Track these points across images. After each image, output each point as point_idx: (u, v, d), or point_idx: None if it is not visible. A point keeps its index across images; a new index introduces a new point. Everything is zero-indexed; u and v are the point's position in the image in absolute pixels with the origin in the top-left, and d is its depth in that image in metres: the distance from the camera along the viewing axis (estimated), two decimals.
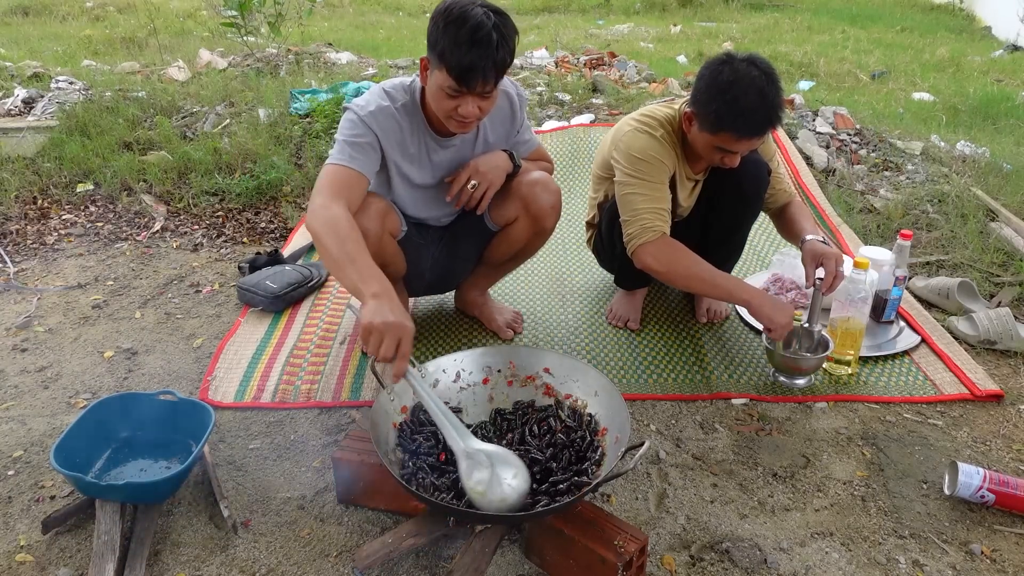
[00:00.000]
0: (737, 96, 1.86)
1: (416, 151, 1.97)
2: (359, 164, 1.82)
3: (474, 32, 1.65)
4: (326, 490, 1.75)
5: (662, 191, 2.06)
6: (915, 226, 3.08)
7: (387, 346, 1.44)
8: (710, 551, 1.59)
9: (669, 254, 2.04)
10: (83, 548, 1.59)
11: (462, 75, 1.68)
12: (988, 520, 1.68)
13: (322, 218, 1.66)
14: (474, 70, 1.67)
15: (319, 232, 1.64)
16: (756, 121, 1.89)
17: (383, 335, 1.44)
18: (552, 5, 9.69)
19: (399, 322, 1.45)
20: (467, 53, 1.66)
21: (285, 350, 2.28)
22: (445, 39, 1.67)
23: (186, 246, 3.06)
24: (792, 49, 6.77)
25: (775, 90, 1.88)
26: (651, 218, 2.03)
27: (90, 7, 8.43)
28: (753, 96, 1.85)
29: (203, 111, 4.11)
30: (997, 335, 2.29)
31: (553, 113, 4.15)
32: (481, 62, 1.67)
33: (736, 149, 1.96)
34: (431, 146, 1.98)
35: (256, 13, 5.34)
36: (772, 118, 1.89)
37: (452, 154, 2.02)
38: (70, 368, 2.24)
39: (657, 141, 2.06)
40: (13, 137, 3.73)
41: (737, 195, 2.22)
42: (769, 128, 1.93)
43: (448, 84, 1.71)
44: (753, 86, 1.86)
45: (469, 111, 1.76)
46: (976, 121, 4.70)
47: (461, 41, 1.65)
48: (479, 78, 1.69)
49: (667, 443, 1.92)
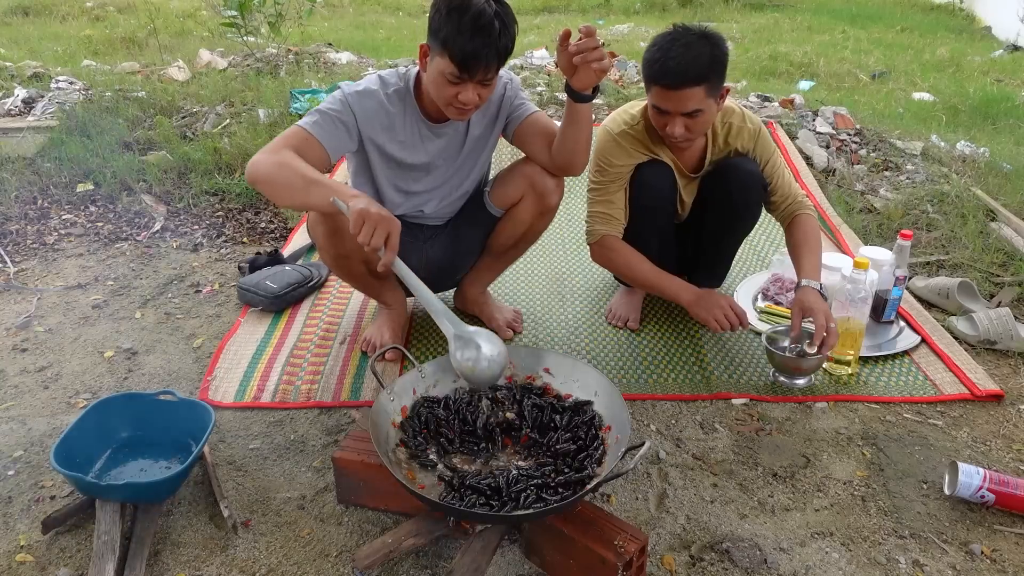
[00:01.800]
0: (665, 49, 1.92)
1: (407, 137, 1.98)
2: (322, 135, 1.82)
3: (476, 19, 1.67)
4: (326, 490, 1.75)
5: (612, 194, 2.20)
6: (915, 226, 3.08)
7: (378, 235, 1.51)
8: (710, 551, 1.59)
9: (608, 254, 2.24)
10: (83, 548, 1.59)
11: (465, 62, 1.70)
12: (988, 520, 1.68)
13: (270, 160, 1.68)
14: (477, 57, 1.70)
15: (270, 171, 1.67)
16: (671, 69, 1.91)
17: (375, 225, 1.50)
18: (552, 5, 9.68)
19: (389, 216, 1.53)
20: (470, 40, 1.68)
21: (285, 350, 2.28)
22: (448, 26, 1.69)
23: (186, 246, 3.06)
24: (792, 49, 6.77)
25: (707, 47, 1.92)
26: (597, 221, 2.23)
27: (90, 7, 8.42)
28: (679, 47, 1.90)
29: (203, 111, 4.11)
30: (997, 335, 2.29)
31: (553, 113, 4.15)
32: (484, 50, 1.69)
33: (665, 106, 1.97)
34: (423, 133, 1.98)
35: (256, 13, 5.34)
36: (691, 68, 1.90)
37: (444, 142, 2.03)
38: (70, 368, 2.24)
39: (613, 141, 2.16)
40: (13, 137, 3.73)
41: (725, 203, 2.21)
42: (687, 78, 1.90)
43: (450, 71, 1.73)
44: (682, 40, 1.92)
45: (469, 98, 1.77)
46: (976, 121, 4.70)
47: (464, 29, 1.67)
48: (482, 65, 1.72)
49: (667, 443, 1.92)
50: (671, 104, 1.96)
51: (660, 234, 2.31)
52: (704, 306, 2.15)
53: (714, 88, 1.96)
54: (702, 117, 1.99)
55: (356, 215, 1.51)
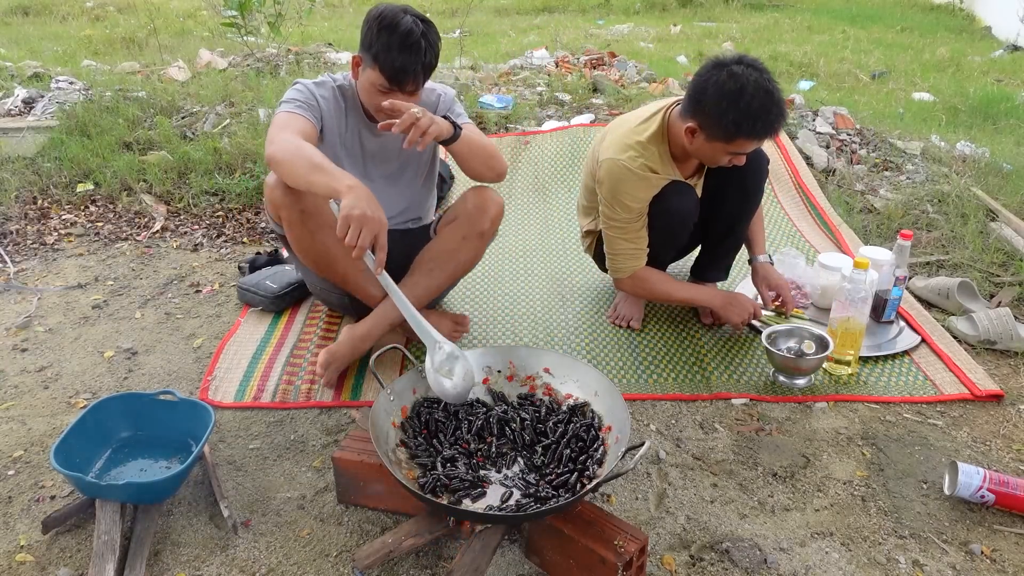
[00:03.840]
0: (749, 102, 1.89)
1: (349, 135, 2.09)
2: (306, 113, 1.95)
3: (405, 38, 1.84)
4: (326, 490, 1.75)
5: (637, 231, 2.20)
6: (915, 226, 3.08)
7: (364, 236, 1.57)
8: (710, 551, 1.59)
9: (641, 285, 2.31)
10: (83, 548, 1.59)
11: (394, 75, 1.87)
12: (988, 520, 1.68)
13: (281, 141, 1.81)
14: (405, 72, 1.87)
15: (280, 156, 1.79)
16: (770, 121, 1.93)
17: (361, 226, 1.57)
18: (552, 5, 9.69)
19: (376, 216, 1.59)
20: (399, 57, 1.85)
21: (285, 350, 2.28)
22: (379, 43, 1.85)
23: (186, 246, 3.06)
24: (792, 49, 6.77)
25: (775, 86, 1.93)
26: (626, 259, 2.25)
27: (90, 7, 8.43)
28: (763, 98, 1.90)
29: (203, 111, 4.11)
30: (997, 335, 2.29)
31: (553, 113, 4.15)
32: (411, 66, 1.86)
33: (750, 150, 2.03)
34: (363, 133, 2.10)
35: (256, 13, 5.34)
36: (783, 113, 1.94)
37: (383, 143, 2.13)
38: (70, 368, 2.24)
39: (634, 176, 2.11)
40: (13, 137, 3.73)
41: (741, 189, 2.25)
42: (782, 123, 1.97)
43: (380, 82, 1.90)
44: (760, 88, 1.89)
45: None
46: (976, 121, 4.70)
47: (393, 46, 1.84)
48: (409, 79, 1.88)
49: (667, 443, 1.92)
50: (750, 148, 2.01)
51: (680, 244, 2.37)
52: (735, 310, 2.28)
53: None
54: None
55: (342, 220, 1.58)
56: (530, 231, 3.13)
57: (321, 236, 1.98)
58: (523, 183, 3.50)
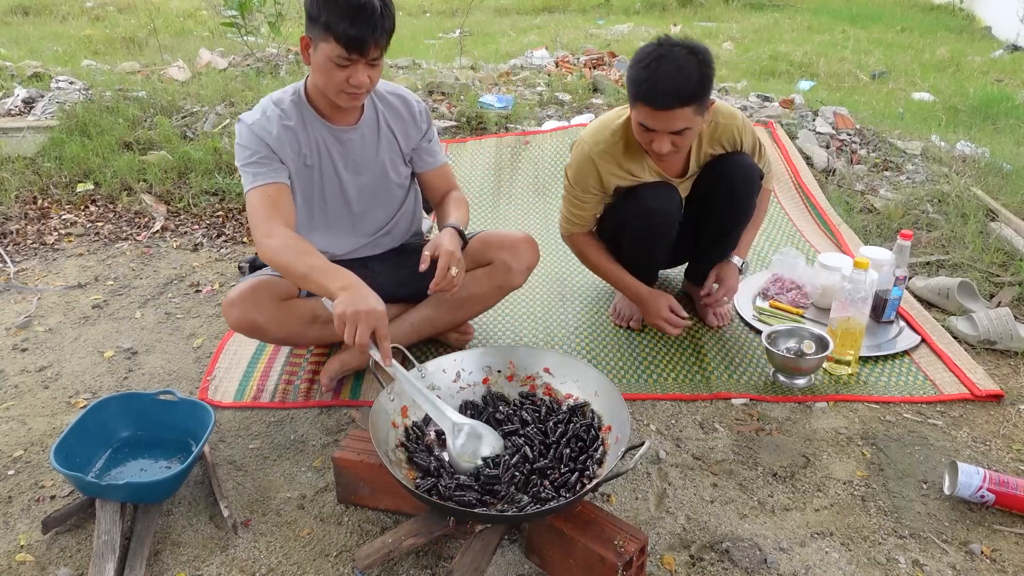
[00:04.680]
0: (653, 69, 1.87)
1: (311, 150, 1.92)
2: (269, 176, 1.83)
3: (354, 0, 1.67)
4: (326, 490, 1.75)
5: (583, 203, 2.26)
6: (915, 226, 3.08)
7: (362, 332, 1.52)
8: (710, 551, 1.59)
9: (576, 249, 2.39)
10: (83, 548, 1.59)
11: (351, 42, 1.69)
12: (988, 520, 1.68)
13: (270, 249, 1.74)
14: (363, 36, 1.69)
15: (275, 263, 1.74)
16: (656, 85, 1.86)
17: (356, 323, 1.52)
18: (552, 5, 9.69)
19: (369, 308, 1.53)
20: (354, 21, 1.67)
21: (285, 350, 2.28)
22: (327, 11, 1.68)
23: (186, 246, 3.06)
24: (792, 49, 6.77)
25: (695, 65, 1.86)
26: (566, 221, 2.34)
27: (90, 7, 8.43)
28: (656, 64, 1.86)
29: (203, 111, 4.11)
30: (997, 335, 2.29)
31: (553, 113, 4.15)
32: (369, 28, 1.69)
33: (652, 125, 1.94)
34: (327, 141, 1.93)
35: (256, 13, 5.34)
36: (681, 90, 1.85)
37: (350, 146, 1.97)
38: (70, 368, 2.24)
39: (590, 163, 2.16)
40: (13, 137, 3.73)
41: (729, 199, 2.21)
42: (676, 100, 1.87)
43: (337, 54, 1.71)
44: (670, 59, 1.86)
45: (360, 80, 1.76)
46: (976, 121, 4.70)
47: (344, 10, 1.67)
48: (370, 43, 1.71)
49: (667, 443, 1.92)
50: (658, 124, 1.93)
51: (664, 247, 2.34)
52: (647, 310, 2.32)
53: (702, 105, 1.93)
54: (689, 133, 1.96)
55: (337, 321, 1.54)
56: (530, 231, 3.11)
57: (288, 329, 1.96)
58: (523, 183, 3.50)
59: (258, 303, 1.89)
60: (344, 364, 2.09)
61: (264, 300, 1.89)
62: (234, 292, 1.90)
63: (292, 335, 1.99)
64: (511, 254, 2.08)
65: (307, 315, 1.97)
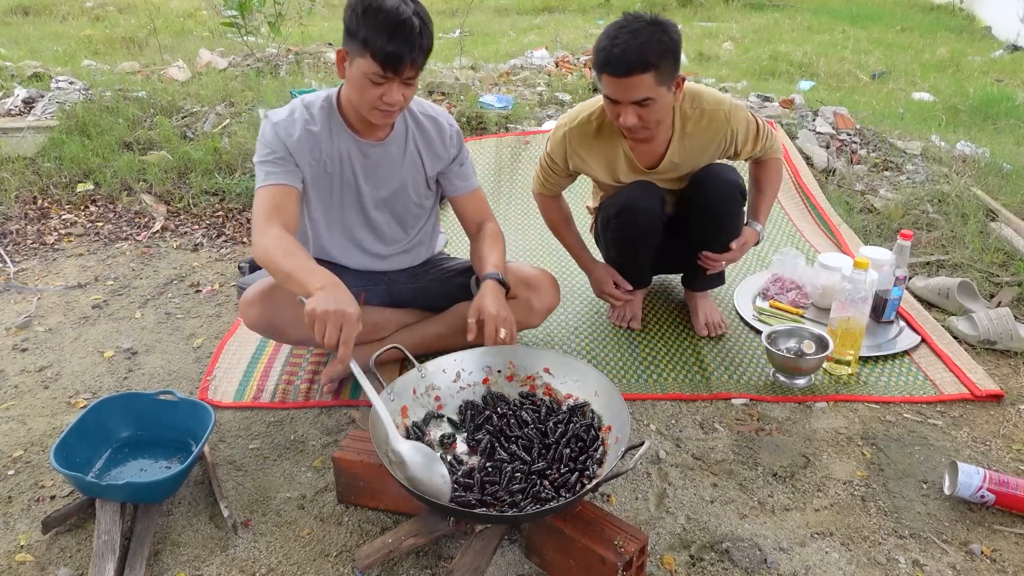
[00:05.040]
0: (612, 36, 1.90)
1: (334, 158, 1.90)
2: (281, 179, 1.82)
3: (396, 17, 1.65)
4: (326, 490, 1.75)
5: (550, 171, 2.30)
6: (915, 226, 3.08)
7: (330, 332, 1.50)
8: (710, 551, 1.59)
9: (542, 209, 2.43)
10: (83, 548, 1.59)
11: (388, 60, 1.67)
12: (988, 520, 1.68)
13: (261, 247, 1.73)
14: (400, 54, 1.67)
15: (264, 260, 1.73)
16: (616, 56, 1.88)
17: (325, 323, 1.50)
18: (552, 5, 9.69)
19: (340, 309, 1.52)
20: (392, 39, 1.65)
21: (285, 350, 2.28)
22: (366, 26, 1.66)
23: (186, 246, 3.06)
24: (792, 49, 6.77)
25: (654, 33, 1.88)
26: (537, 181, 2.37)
27: (90, 7, 8.43)
28: (625, 35, 1.88)
29: (203, 111, 4.11)
30: (997, 335, 2.29)
31: (553, 113, 4.15)
32: (407, 47, 1.67)
33: (614, 95, 1.95)
34: (351, 152, 1.91)
35: (256, 13, 5.34)
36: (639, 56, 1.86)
37: (375, 161, 1.95)
38: (70, 368, 2.24)
39: (562, 139, 2.21)
40: (13, 137, 3.73)
41: (705, 212, 2.19)
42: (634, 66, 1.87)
43: (373, 71, 1.69)
44: (630, 28, 1.89)
45: (394, 98, 1.75)
46: (976, 121, 4.70)
47: (383, 27, 1.65)
48: (407, 63, 1.69)
49: (667, 443, 1.92)
50: (620, 93, 1.93)
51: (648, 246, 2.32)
52: (595, 285, 2.42)
53: (665, 76, 1.91)
54: (654, 106, 1.94)
55: (307, 317, 1.52)
56: (530, 231, 3.13)
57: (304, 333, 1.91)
58: (523, 183, 3.50)
59: (278, 304, 1.88)
60: (346, 367, 2.08)
61: (284, 302, 1.88)
62: (253, 291, 1.89)
63: (307, 338, 1.97)
64: (536, 294, 2.06)
65: None
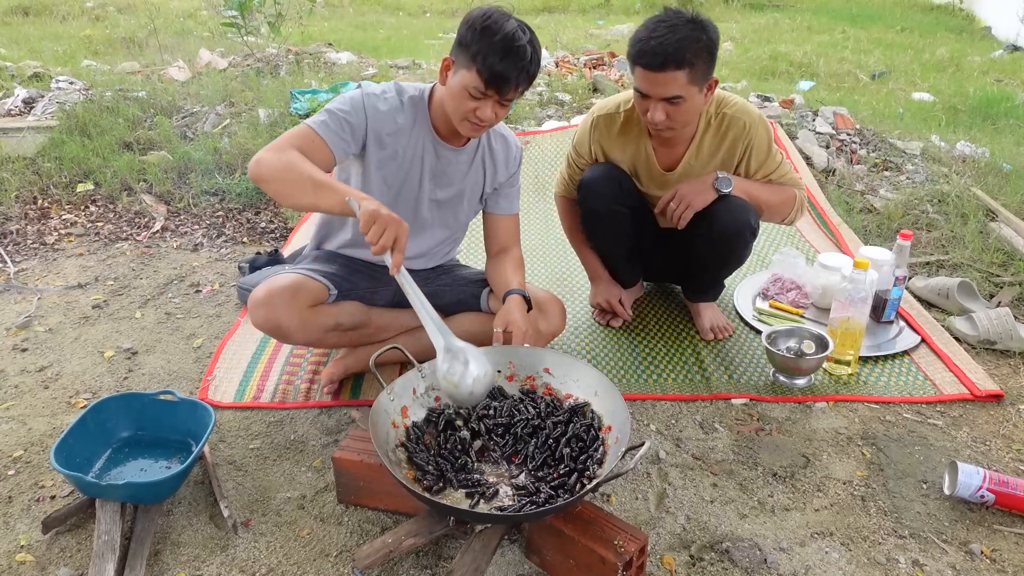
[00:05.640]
0: (651, 29, 1.91)
1: (410, 151, 1.93)
2: (329, 136, 1.80)
3: (511, 41, 1.71)
4: (326, 490, 1.75)
5: (575, 171, 2.36)
6: (915, 226, 3.08)
7: (387, 236, 1.53)
8: (710, 551, 1.59)
9: (560, 210, 2.51)
10: (83, 548, 1.59)
11: (493, 79, 1.72)
12: (988, 520, 1.68)
13: (277, 160, 1.68)
14: (507, 76, 1.72)
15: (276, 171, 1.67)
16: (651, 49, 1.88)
17: (385, 225, 1.53)
18: (552, 5, 9.68)
19: (398, 219, 1.56)
20: (502, 60, 1.70)
21: (285, 350, 2.28)
22: (481, 42, 1.71)
23: (186, 246, 3.06)
24: (792, 49, 6.77)
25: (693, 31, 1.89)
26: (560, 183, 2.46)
27: (90, 7, 8.43)
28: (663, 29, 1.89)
29: (203, 111, 4.11)
30: (997, 335, 2.29)
31: (553, 113, 4.15)
32: (515, 70, 1.72)
33: (645, 88, 1.95)
34: (428, 151, 1.94)
35: (256, 13, 5.35)
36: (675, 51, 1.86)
37: (446, 165, 1.98)
38: (70, 368, 2.24)
39: (588, 127, 2.28)
40: (13, 137, 3.73)
41: (710, 245, 2.18)
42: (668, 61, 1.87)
43: (475, 85, 1.73)
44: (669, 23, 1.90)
45: (487, 115, 1.78)
46: (976, 121, 4.70)
47: (497, 47, 1.70)
48: (511, 86, 1.74)
49: (667, 443, 1.92)
50: (651, 87, 1.93)
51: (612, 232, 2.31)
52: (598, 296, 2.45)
53: (698, 75, 1.91)
54: (683, 105, 1.94)
55: (367, 214, 1.53)
56: (530, 231, 3.13)
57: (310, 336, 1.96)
58: (523, 183, 3.49)
59: (286, 307, 1.87)
60: (347, 368, 2.10)
61: (292, 305, 1.88)
62: (262, 292, 1.88)
63: (312, 341, 2.00)
64: (544, 318, 2.06)
65: (330, 323, 1.96)
